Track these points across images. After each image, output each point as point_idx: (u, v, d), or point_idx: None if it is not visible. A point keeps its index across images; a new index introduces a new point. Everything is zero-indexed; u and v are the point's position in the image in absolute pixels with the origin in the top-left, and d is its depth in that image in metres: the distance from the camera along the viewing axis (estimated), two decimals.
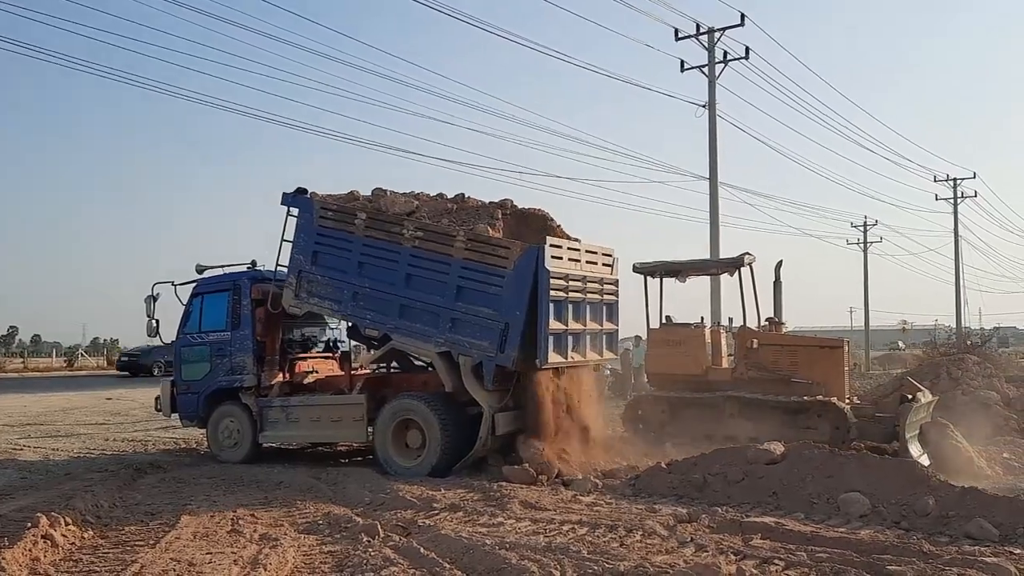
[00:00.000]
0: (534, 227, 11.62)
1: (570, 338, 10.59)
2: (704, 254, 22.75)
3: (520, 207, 11.87)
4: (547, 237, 10.50)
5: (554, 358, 10.24)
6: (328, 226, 11.29)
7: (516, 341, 10.05)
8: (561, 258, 10.47)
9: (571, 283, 10.54)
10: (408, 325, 10.80)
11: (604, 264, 11.58)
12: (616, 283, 11.91)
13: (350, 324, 11.87)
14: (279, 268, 11.70)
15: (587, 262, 11.09)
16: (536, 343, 10.03)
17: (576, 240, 11.61)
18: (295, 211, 11.61)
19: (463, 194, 11.87)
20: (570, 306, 10.54)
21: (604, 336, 11.46)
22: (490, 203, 11.69)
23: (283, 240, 11.63)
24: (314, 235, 11.37)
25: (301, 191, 11.66)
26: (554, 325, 10.18)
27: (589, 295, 10.98)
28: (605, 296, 11.43)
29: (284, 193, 11.70)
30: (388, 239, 10.89)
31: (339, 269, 11.25)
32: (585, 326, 10.91)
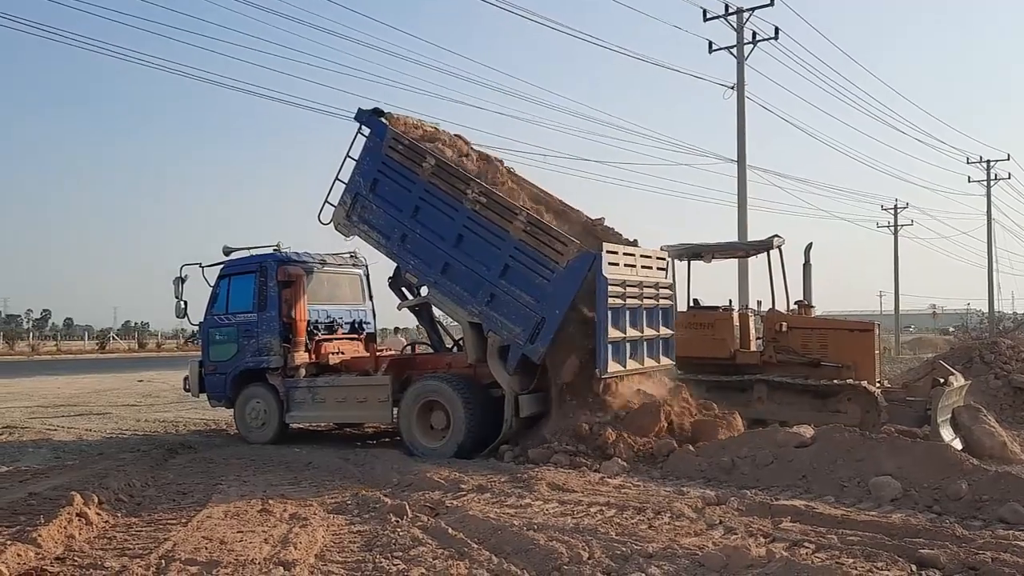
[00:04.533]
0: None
1: (628, 346, 10.26)
2: (732, 237, 22.57)
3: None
4: (604, 244, 10.17)
5: (614, 367, 9.92)
6: (395, 158, 11.01)
7: (548, 338, 9.93)
8: (617, 264, 10.20)
9: (628, 289, 10.25)
10: (447, 284, 10.68)
11: (659, 268, 11.33)
12: (671, 287, 11.64)
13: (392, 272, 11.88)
14: (337, 182, 11.47)
15: (642, 267, 10.82)
16: (594, 351, 9.82)
17: (633, 242, 11.50)
18: (366, 131, 11.34)
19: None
20: (628, 313, 10.22)
21: (661, 342, 11.07)
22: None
23: (348, 156, 11.44)
24: (379, 162, 11.12)
25: (377, 112, 11.39)
26: (613, 334, 9.88)
27: (646, 300, 10.63)
28: (661, 301, 11.08)
29: (360, 109, 11.44)
30: (450, 193, 10.63)
31: (395, 205, 11.03)
32: (643, 333, 10.56)
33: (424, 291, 11.38)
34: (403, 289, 11.88)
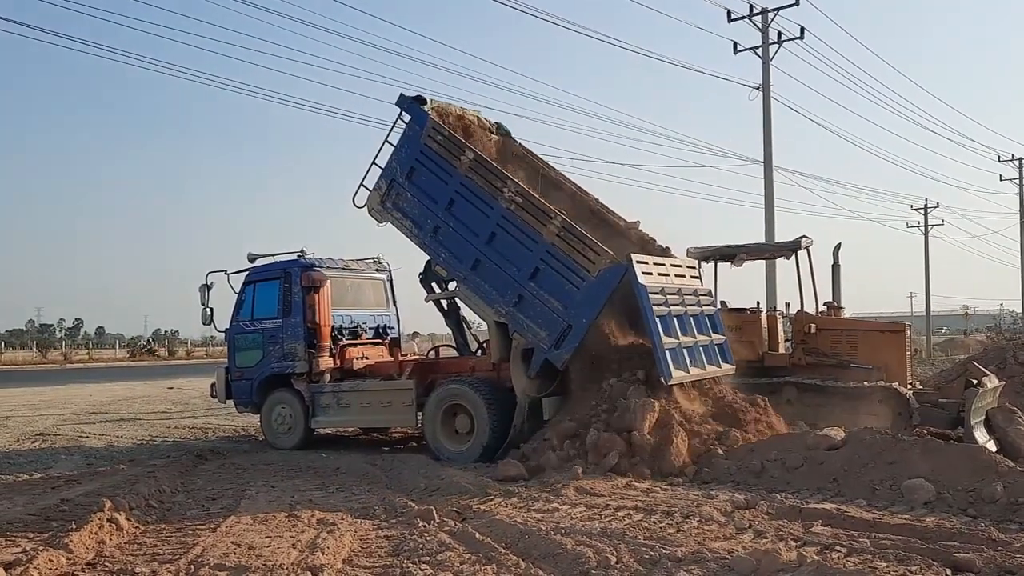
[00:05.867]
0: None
1: (686, 352, 10.03)
2: (759, 239, 22.40)
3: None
4: (631, 255, 9.95)
5: (678, 374, 9.68)
6: (433, 148, 10.87)
7: (573, 345, 9.87)
8: (651, 273, 10.05)
9: (669, 297, 10.10)
10: (476, 281, 10.61)
11: (692, 276, 11.20)
12: (709, 293, 11.48)
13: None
14: (374, 166, 11.39)
15: (676, 276, 10.67)
16: (654, 360, 9.59)
17: (666, 249, 11.42)
18: (406, 118, 11.22)
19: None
20: (676, 320, 10.03)
21: (716, 348, 10.82)
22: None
23: (387, 141, 11.36)
24: (417, 150, 11.00)
25: (420, 100, 11.26)
26: (667, 341, 9.68)
27: (689, 307, 10.46)
28: (704, 308, 10.90)
29: (402, 95, 11.32)
30: (486, 190, 10.50)
31: (430, 196, 10.92)
32: (696, 339, 10.34)
33: (452, 286, 11.35)
34: (433, 284, 11.87)
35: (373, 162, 11.41)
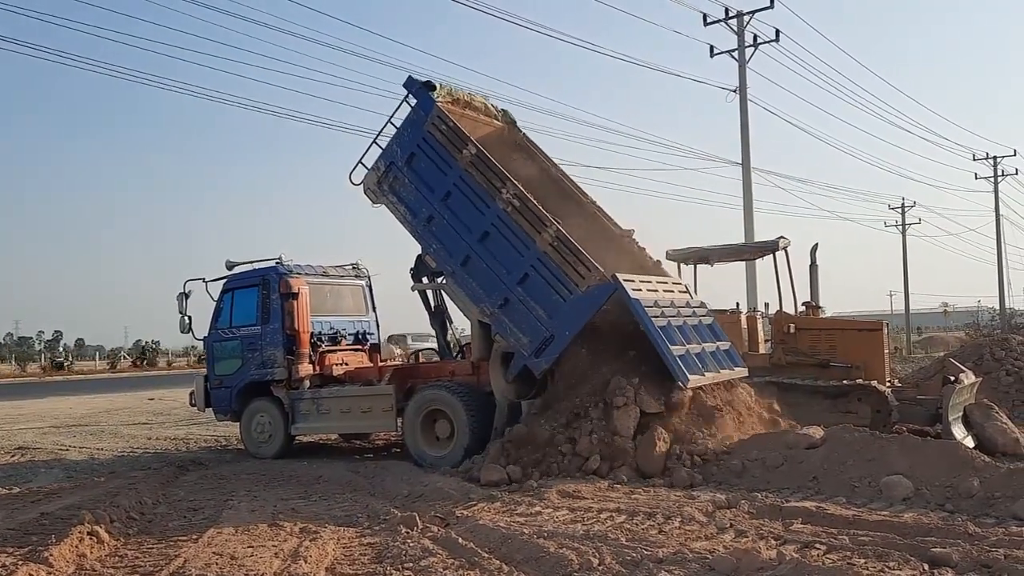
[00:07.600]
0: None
1: (695, 357, 9.92)
2: (739, 240, 22.55)
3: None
4: (615, 275, 9.78)
5: (695, 378, 9.54)
6: (436, 136, 10.71)
7: (553, 356, 9.86)
8: (640, 290, 10.01)
9: (664, 309, 10.06)
10: (464, 277, 10.53)
11: (680, 291, 11.17)
12: (703, 304, 11.44)
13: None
14: (375, 145, 11.28)
15: (664, 291, 10.65)
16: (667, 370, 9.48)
17: (657, 262, 11.55)
18: (412, 101, 11.06)
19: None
20: (677, 330, 9.95)
21: (724, 353, 10.69)
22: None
23: (389, 121, 11.25)
24: (419, 136, 10.84)
25: (429, 85, 11.11)
26: (675, 348, 9.58)
27: (686, 319, 10.40)
28: (701, 319, 10.84)
29: (410, 77, 11.15)
30: (485, 187, 10.36)
31: (428, 185, 10.78)
32: (702, 346, 10.25)
33: (440, 279, 11.31)
34: (424, 278, 11.83)
35: (374, 141, 11.32)
